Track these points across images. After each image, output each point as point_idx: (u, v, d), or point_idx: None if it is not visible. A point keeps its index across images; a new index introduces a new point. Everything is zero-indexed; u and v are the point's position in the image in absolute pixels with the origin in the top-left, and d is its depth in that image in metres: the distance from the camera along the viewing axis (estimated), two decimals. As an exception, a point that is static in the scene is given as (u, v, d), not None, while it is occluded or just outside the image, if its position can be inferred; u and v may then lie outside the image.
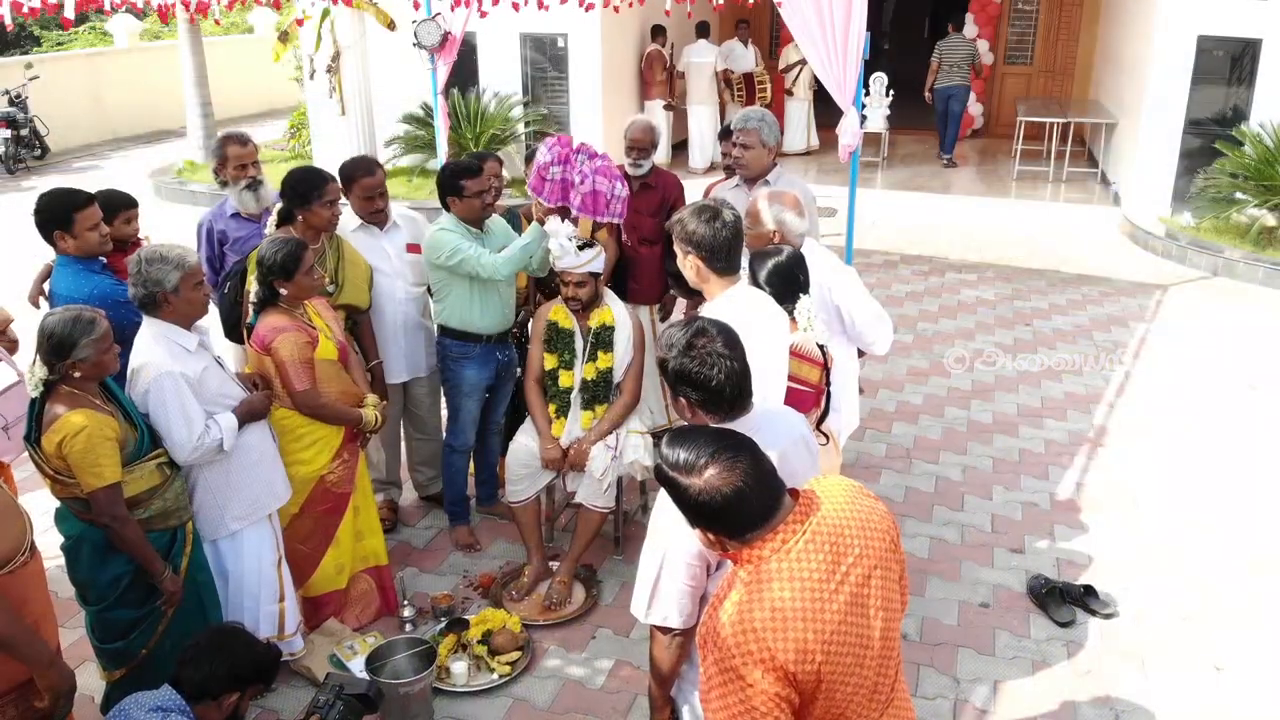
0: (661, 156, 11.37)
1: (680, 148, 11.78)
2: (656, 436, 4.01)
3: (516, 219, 4.38)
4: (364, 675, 3.02)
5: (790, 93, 11.82)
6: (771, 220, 3.22)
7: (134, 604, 2.79)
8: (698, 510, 1.71)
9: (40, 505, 3.31)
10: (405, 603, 3.61)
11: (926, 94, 11.40)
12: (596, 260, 3.67)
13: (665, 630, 2.12)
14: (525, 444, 3.80)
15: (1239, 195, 8.26)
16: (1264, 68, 8.63)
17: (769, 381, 2.62)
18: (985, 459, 4.88)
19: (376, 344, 3.86)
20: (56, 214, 3.22)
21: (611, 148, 10.56)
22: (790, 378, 2.86)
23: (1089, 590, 3.76)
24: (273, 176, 4.20)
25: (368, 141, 10.42)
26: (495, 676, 3.31)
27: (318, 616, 3.50)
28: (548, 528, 4.14)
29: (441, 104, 7.02)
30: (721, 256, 2.62)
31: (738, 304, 2.64)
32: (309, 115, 10.56)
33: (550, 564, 3.89)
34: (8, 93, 12.35)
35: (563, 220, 3.64)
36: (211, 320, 3.33)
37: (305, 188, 3.52)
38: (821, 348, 3.01)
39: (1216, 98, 8.81)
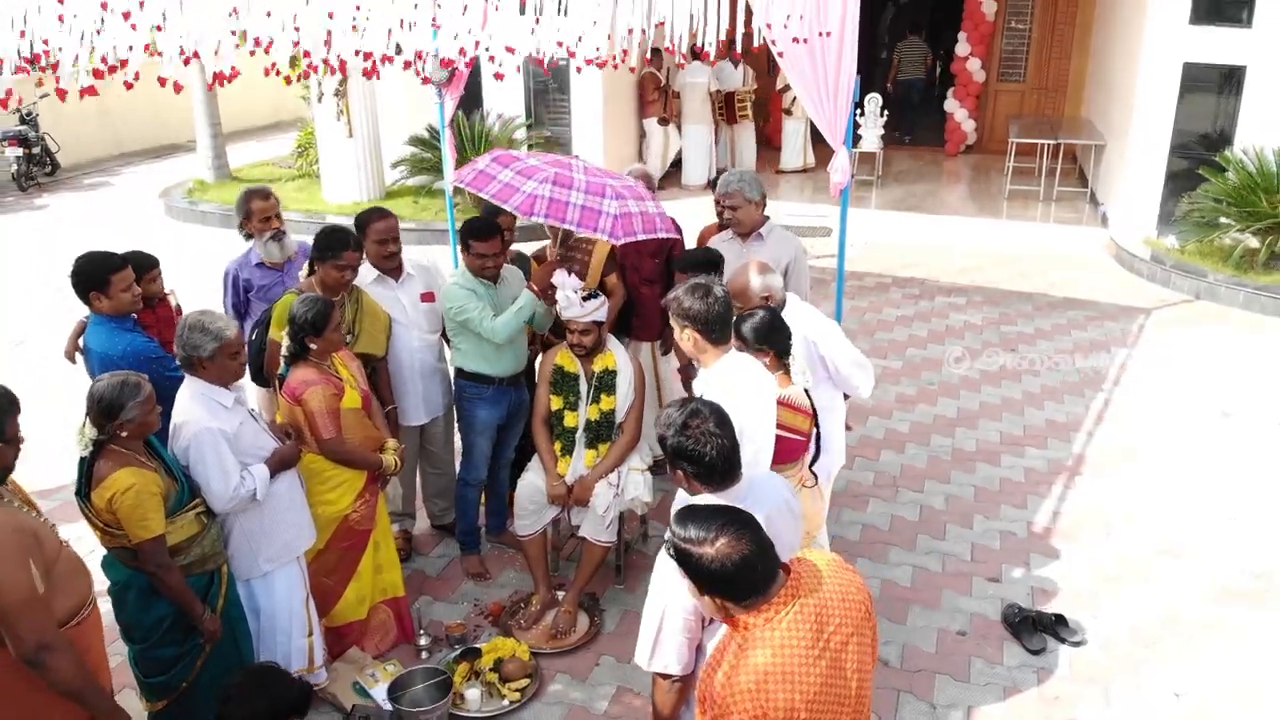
0: (657, 173, 11.64)
1: (677, 164, 12.02)
2: (656, 467, 4.28)
3: (526, 263, 4.63)
4: (387, 705, 3.27)
5: (789, 112, 12.07)
6: (760, 291, 3.47)
7: (175, 642, 3.04)
8: (710, 577, 1.94)
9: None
10: (421, 631, 3.87)
11: (889, 85, 13.45)
12: (600, 310, 3.93)
13: (666, 676, 2.38)
14: (533, 481, 4.06)
15: (1223, 220, 8.51)
16: (1248, 93, 8.88)
17: (759, 436, 2.88)
18: (968, 487, 5.14)
19: (392, 389, 4.12)
20: (94, 277, 3.48)
21: (611, 162, 10.84)
22: (783, 427, 3.13)
23: (1059, 619, 4.02)
24: (282, 194, 4.42)
25: (374, 163, 10.70)
26: (506, 703, 3.57)
27: (340, 645, 3.76)
28: (553, 556, 4.39)
29: (449, 135, 7.26)
30: (715, 328, 2.88)
31: (730, 370, 2.90)
32: (316, 136, 10.79)
33: (556, 593, 4.15)
34: (18, 110, 12.58)
35: (569, 274, 3.90)
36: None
37: (325, 245, 3.76)
38: (806, 392, 3.27)
39: (1202, 122, 9.07)
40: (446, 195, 7.61)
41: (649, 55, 11.29)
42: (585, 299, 3.88)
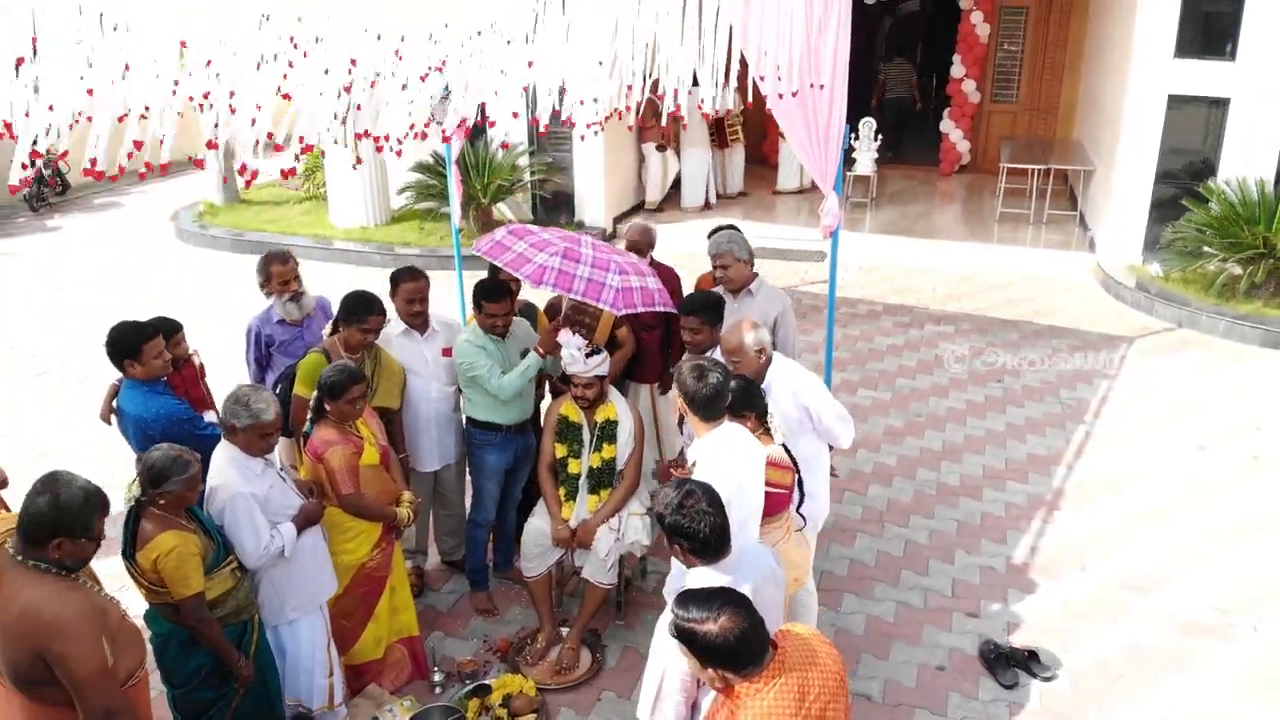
0: (655, 196, 11.93)
1: (676, 185, 12.27)
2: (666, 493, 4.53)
3: (533, 314, 4.89)
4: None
5: (784, 135, 12.32)
6: (754, 346, 3.74)
7: (213, 686, 3.31)
8: (713, 651, 2.20)
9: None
10: (435, 668, 4.14)
11: (874, 103, 13.90)
12: (601, 366, 4.19)
13: (663, 729, 2.65)
14: (538, 525, 4.33)
15: (1206, 249, 8.77)
16: (1231, 125, 9.15)
17: (747, 504, 3.15)
18: (950, 522, 5.41)
19: (409, 437, 4.39)
20: (128, 346, 3.75)
21: (611, 187, 11.10)
22: (769, 484, 3.39)
23: (1032, 655, 4.29)
24: (289, 218, 4.69)
25: (380, 188, 10.96)
26: (514, 737, 3.83)
27: (359, 682, 4.02)
28: (557, 593, 4.66)
29: (455, 173, 7.52)
30: (700, 408, 3.16)
31: (720, 441, 3.17)
32: (324, 161, 11.05)
33: (560, 629, 4.42)
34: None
35: (573, 334, 4.16)
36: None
37: (351, 310, 4.02)
38: (786, 449, 3.53)
39: (1187, 152, 9.34)
40: (452, 223, 7.88)
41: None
42: (588, 356, 4.14)
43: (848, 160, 11.69)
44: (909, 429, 6.50)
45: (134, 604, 3.18)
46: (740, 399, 3.40)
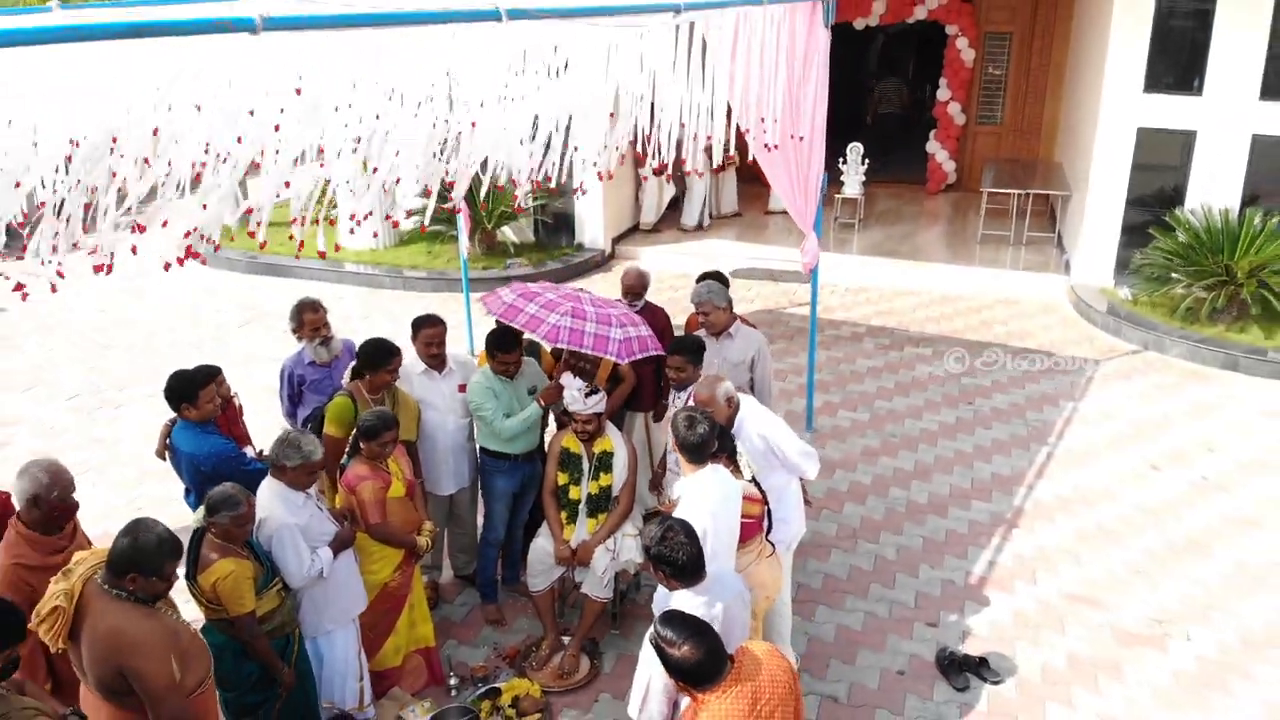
0: (650, 218, 12.46)
1: (673, 205, 12.79)
2: (650, 516, 5.05)
3: (537, 349, 5.40)
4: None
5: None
6: (723, 398, 4.24)
7: (260, 691, 3.82)
8: (676, 668, 2.75)
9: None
10: (450, 673, 4.66)
11: (869, 120, 14.86)
12: (599, 404, 4.70)
13: (649, 724, 3.16)
14: (543, 545, 4.84)
15: (1172, 275, 9.29)
16: (1198, 156, 9.67)
17: (721, 536, 3.66)
18: (917, 538, 5.92)
19: (426, 464, 4.91)
20: (185, 392, 4.29)
21: (610, 210, 11.60)
22: (742, 515, 3.91)
23: (983, 661, 4.80)
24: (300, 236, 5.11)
25: (389, 212, 11.45)
26: (521, 735, 4.35)
27: (382, 685, 4.54)
28: (560, 605, 5.17)
29: (464, 209, 8.04)
30: (689, 452, 3.68)
31: (702, 482, 3.68)
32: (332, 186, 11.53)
33: (562, 637, 4.93)
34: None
35: (574, 377, 4.68)
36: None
37: (376, 358, 4.55)
38: (756, 483, 4.04)
39: (1156, 182, 9.87)
40: (460, 247, 8.42)
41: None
42: (587, 396, 4.66)
43: (836, 183, 12.23)
44: (884, 449, 7.01)
45: (194, 615, 3.70)
46: (720, 444, 3.91)
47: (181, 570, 3.34)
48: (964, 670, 4.75)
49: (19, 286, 3.29)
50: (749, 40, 5.57)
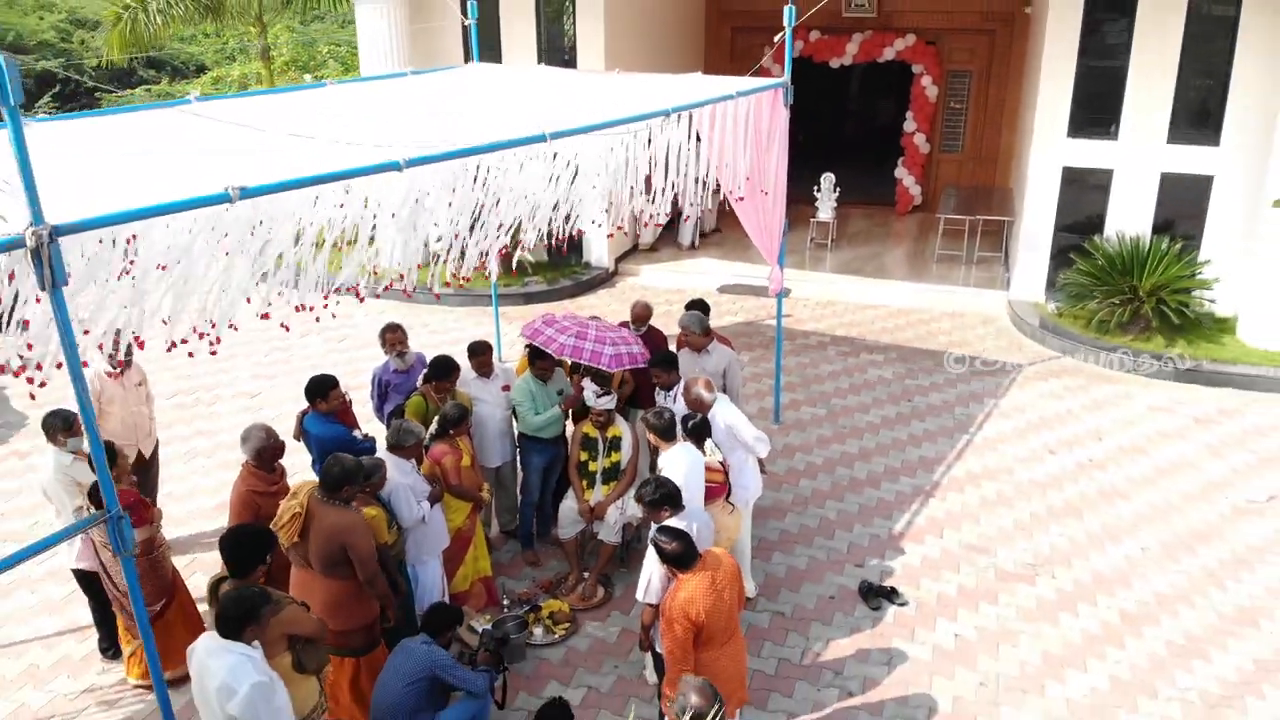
0: (648, 239, 14.20)
1: (669, 226, 14.52)
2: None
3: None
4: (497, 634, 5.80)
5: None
6: (708, 399, 5.98)
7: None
8: (667, 557, 4.48)
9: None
10: (503, 596, 6.40)
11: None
12: (609, 402, 6.44)
13: (649, 605, 4.89)
14: (569, 505, 6.58)
15: (1090, 293, 11.02)
16: (1114, 191, 11.41)
17: (691, 489, 5.39)
18: (855, 505, 7.66)
19: (476, 445, 6.64)
20: (320, 391, 6.03)
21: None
22: (707, 480, 5.64)
23: (893, 590, 6.54)
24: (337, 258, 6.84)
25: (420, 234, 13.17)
26: (556, 636, 6.09)
27: (455, 604, 6.27)
28: (581, 549, 6.90)
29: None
30: (660, 434, 5.45)
31: (678, 455, 5.43)
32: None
33: (584, 573, 6.66)
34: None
35: (592, 382, 6.42)
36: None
37: (442, 372, 6.30)
38: (722, 462, 5.78)
39: (1080, 211, 11.60)
40: (490, 273, 10.12)
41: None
42: (599, 397, 6.39)
43: (811, 207, 13.97)
44: (835, 437, 8.76)
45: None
46: (695, 432, 5.66)
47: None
48: (878, 596, 6.49)
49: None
50: (723, 122, 7.28)
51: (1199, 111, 10.97)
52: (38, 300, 3.57)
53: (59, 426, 5.61)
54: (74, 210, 3.50)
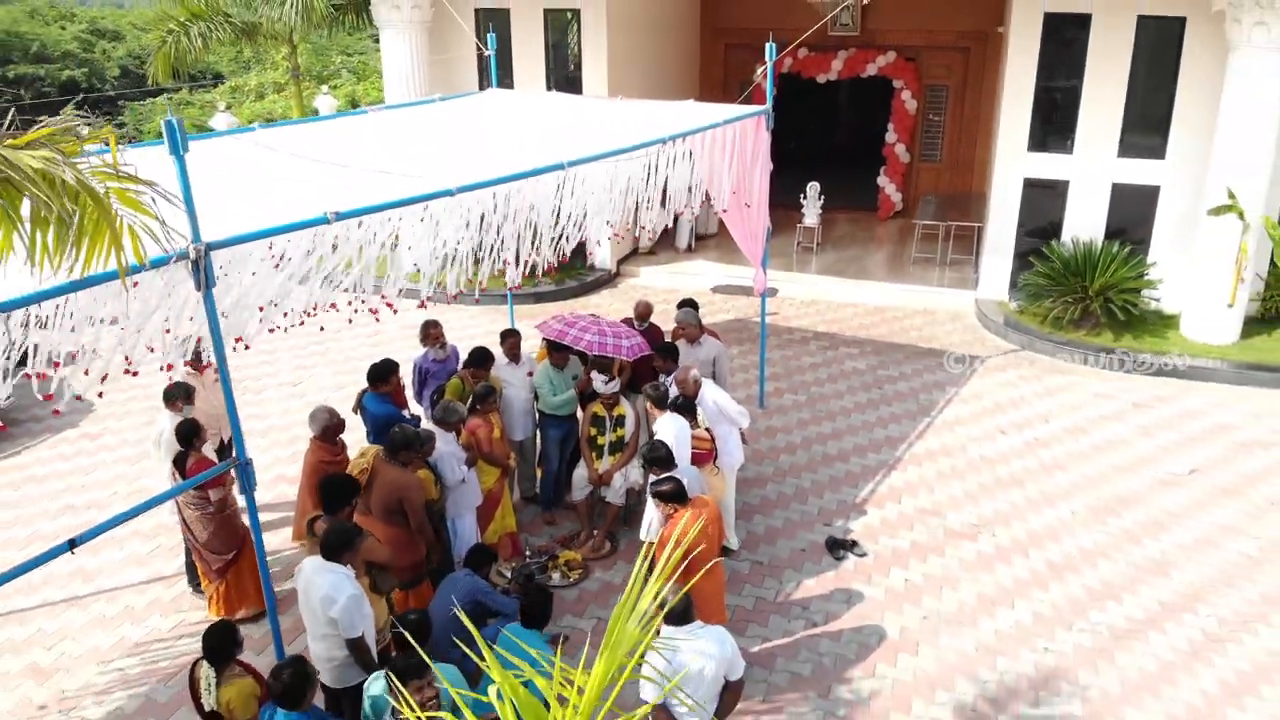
0: (647, 243, 15.37)
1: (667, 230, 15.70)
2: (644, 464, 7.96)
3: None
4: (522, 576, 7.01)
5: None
6: (693, 382, 7.18)
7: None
8: (664, 496, 5.67)
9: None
10: (526, 548, 7.60)
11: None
12: (614, 387, 7.62)
13: (651, 541, 6.07)
14: (581, 473, 7.77)
15: (1047, 292, 12.20)
16: (1070, 200, 12.59)
17: (681, 452, 6.58)
18: (826, 476, 8.86)
19: (504, 420, 7.84)
20: (381, 375, 7.22)
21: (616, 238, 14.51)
22: (695, 447, 6.84)
23: (855, 543, 7.74)
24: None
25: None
26: (571, 580, 7.30)
27: (485, 555, 7.46)
28: (591, 511, 8.08)
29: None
30: (656, 403, 6.66)
31: (669, 422, 6.63)
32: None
33: (593, 530, 7.85)
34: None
35: (600, 372, 7.62)
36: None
37: (480, 360, 7.49)
38: (708, 429, 6.97)
39: (1040, 218, 12.77)
40: (509, 277, 11.30)
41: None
42: (606, 383, 7.58)
43: (798, 213, 15.16)
44: (813, 420, 9.95)
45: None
46: (686, 407, 6.86)
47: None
48: (842, 548, 7.68)
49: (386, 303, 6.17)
50: (712, 145, 8.45)
51: (1147, 128, 12.15)
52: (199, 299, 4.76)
53: (179, 396, 6.84)
54: (216, 231, 4.71)
